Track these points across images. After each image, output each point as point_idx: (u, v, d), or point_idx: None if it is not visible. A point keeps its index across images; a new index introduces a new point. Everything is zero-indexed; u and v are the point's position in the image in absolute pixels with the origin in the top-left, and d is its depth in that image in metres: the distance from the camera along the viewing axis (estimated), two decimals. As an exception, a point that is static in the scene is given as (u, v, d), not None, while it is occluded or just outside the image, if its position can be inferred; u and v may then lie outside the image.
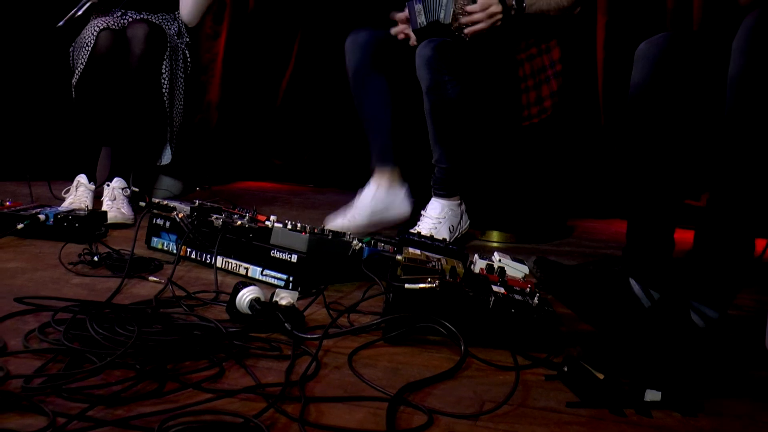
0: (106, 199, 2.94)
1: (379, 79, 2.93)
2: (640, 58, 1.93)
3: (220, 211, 2.42)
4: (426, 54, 2.71)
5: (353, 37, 2.98)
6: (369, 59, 2.92)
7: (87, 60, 3.07)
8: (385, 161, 2.95)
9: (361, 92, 2.96)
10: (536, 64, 2.96)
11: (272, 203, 3.65)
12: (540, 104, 2.98)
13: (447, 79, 2.70)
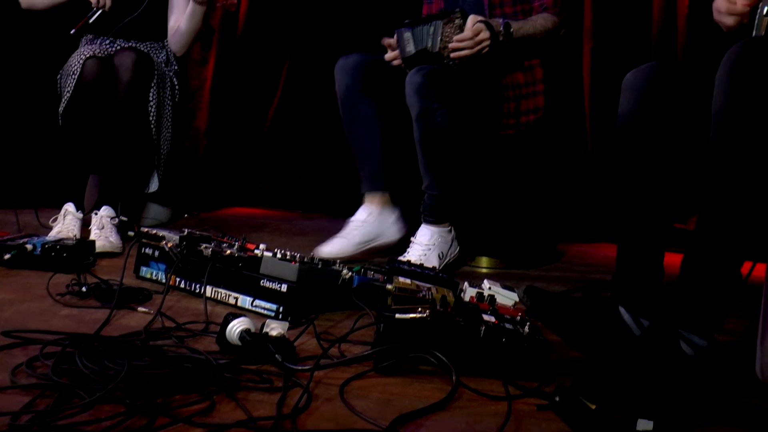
0: (94, 227, 2.93)
1: (369, 104, 2.94)
2: (628, 87, 1.94)
3: (210, 240, 2.41)
4: (416, 82, 2.72)
5: (343, 61, 2.99)
6: (359, 83, 2.93)
7: (73, 88, 3.06)
8: (375, 187, 2.96)
9: (350, 117, 2.97)
10: (519, 78, 2.97)
11: (261, 230, 3.65)
12: (517, 117, 2.99)
13: (436, 106, 2.72)
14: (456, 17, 2.80)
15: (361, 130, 2.96)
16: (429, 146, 2.76)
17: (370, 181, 2.98)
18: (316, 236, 3.25)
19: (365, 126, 2.95)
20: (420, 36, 2.84)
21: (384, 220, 2.93)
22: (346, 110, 2.98)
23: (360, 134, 2.97)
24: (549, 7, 2.95)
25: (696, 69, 1.92)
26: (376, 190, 2.96)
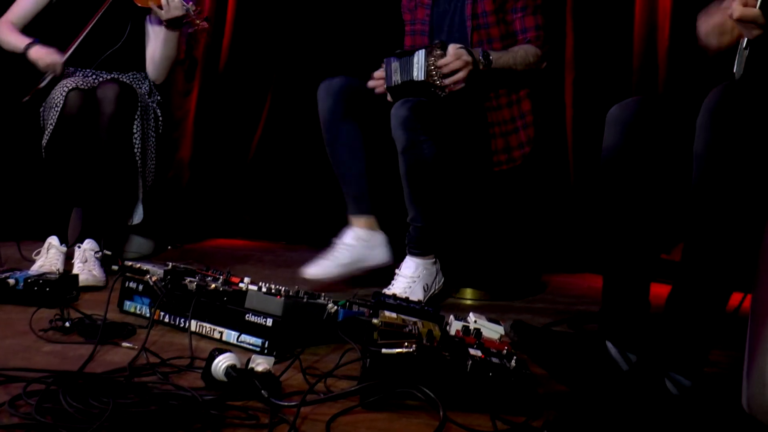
0: (77, 261, 2.91)
1: (352, 127, 2.94)
2: (612, 121, 1.96)
3: (194, 274, 2.40)
4: (402, 114, 2.73)
5: (326, 83, 2.99)
6: (342, 106, 2.93)
7: (56, 120, 3.05)
8: (360, 209, 2.96)
9: (333, 140, 2.97)
10: (505, 114, 3.00)
11: (245, 262, 3.63)
12: (508, 153, 3.01)
13: (423, 139, 2.72)
14: (436, 46, 2.82)
15: (344, 150, 2.95)
16: (415, 179, 2.77)
17: (355, 204, 2.98)
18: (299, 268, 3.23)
19: (348, 146, 2.95)
20: (406, 66, 2.86)
21: (371, 244, 2.93)
22: (329, 130, 2.97)
23: (343, 154, 2.96)
24: (532, 40, 2.99)
25: (680, 103, 1.94)
26: (362, 212, 2.96)
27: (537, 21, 3.02)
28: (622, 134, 1.91)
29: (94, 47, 3.28)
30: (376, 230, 2.96)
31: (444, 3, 3.10)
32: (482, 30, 2.97)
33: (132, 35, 3.34)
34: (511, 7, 2.99)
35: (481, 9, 2.98)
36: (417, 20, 3.18)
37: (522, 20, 3.00)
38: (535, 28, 3.01)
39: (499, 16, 2.99)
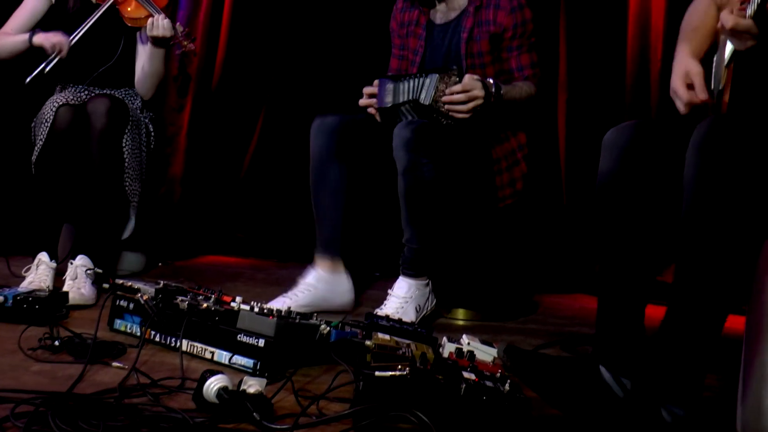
0: (67, 278, 2.89)
1: (340, 170, 2.95)
2: (609, 146, 1.95)
3: (185, 293, 2.38)
4: (405, 135, 2.73)
5: (320, 121, 2.99)
6: (333, 146, 2.93)
7: (46, 136, 3.03)
8: (329, 251, 2.97)
9: (318, 182, 2.98)
10: (507, 148, 3.01)
11: (236, 279, 3.62)
12: (513, 186, 3.03)
13: (424, 161, 2.72)
14: (453, 73, 2.82)
15: (327, 195, 2.96)
16: (413, 200, 2.76)
17: (324, 246, 2.99)
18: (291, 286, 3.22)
19: (332, 191, 2.95)
20: (401, 90, 2.86)
21: (334, 287, 2.95)
22: (316, 173, 2.98)
23: (325, 199, 2.97)
24: (529, 77, 3.01)
25: (675, 128, 1.94)
26: (329, 254, 2.97)
27: (532, 59, 3.04)
28: (618, 159, 1.91)
29: (87, 64, 3.28)
30: (341, 273, 2.97)
31: (438, 38, 3.11)
32: (478, 69, 2.98)
33: (124, 52, 3.34)
34: (507, 45, 3.00)
35: (477, 49, 3.00)
36: (408, 48, 3.20)
37: (518, 58, 3.01)
38: (531, 65, 3.03)
39: (494, 54, 3.01)
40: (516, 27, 2.99)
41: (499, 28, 2.99)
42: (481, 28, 3.00)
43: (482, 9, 3.02)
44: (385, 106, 2.92)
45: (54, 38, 3.17)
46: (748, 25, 1.71)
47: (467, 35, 3.01)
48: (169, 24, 3.23)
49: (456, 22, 3.08)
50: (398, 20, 3.25)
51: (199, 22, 4.34)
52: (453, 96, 2.79)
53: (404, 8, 3.24)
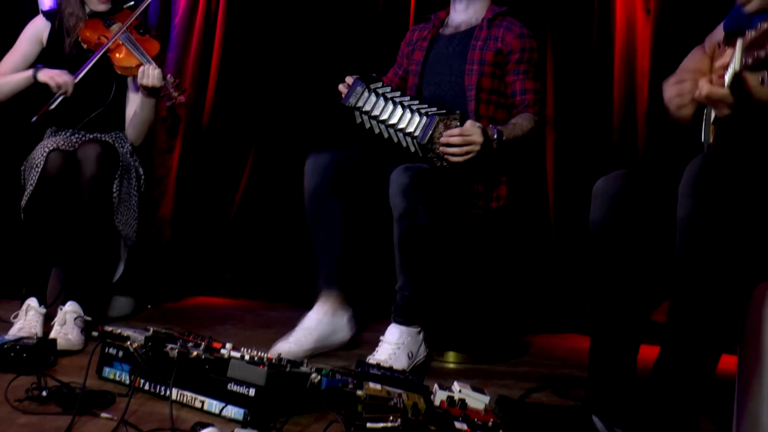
0: (56, 324, 2.87)
1: (336, 205, 2.94)
2: (599, 195, 1.97)
3: (175, 340, 2.37)
4: (402, 182, 2.73)
5: (314, 158, 2.99)
6: (329, 183, 2.93)
7: (36, 181, 3.02)
8: (331, 285, 2.96)
9: (316, 216, 2.96)
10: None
11: (225, 322, 3.60)
12: (487, 201, 3.02)
13: (420, 208, 2.72)
14: (455, 117, 2.83)
15: (326, 230, 2.96)
16: (408, 246, 2.76)
17: (326, 280, 2.98)
18: (281, 328, 3.21)
19: (330, 227, 2.95)
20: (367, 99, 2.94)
21: (336, 321, 2.94)
22: (313, 209, 2.97)
23: (323, 234, 2.96)
24: (530, 103, 3.03)
25: (664, 175, 1.95)
26: (332, 288, 2.96)
27: (536, 86, 3.08)
28: (609, 208, 1.93)
29: (79, 109, 3.29)
30: (341, 307, 2.97)
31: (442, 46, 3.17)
32: (476, 75, 3.02)
33: (116, 97, 3.36)
34: (513, 68, 3.04)
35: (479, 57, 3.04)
36: (412, 61, 3.25)
37: (523, 82, 3.04)
38: (534, 91, 3.06)
39: (494, 69, 3.04)
40: (524, 51, 3.05)
41: (506, 47, 3.04)
42: (489, 41, 3.06)
43: (494, 27, 3.08)
44: (347, 104, 2.97)
45: (59, 77, 3.18)
46: (723, 94, 1.73)
47: (482, 44, 3.06)
48: (160, 74, 3.24)
49: (465, 34, 3.13)
50: (407, 40, 3.33)
51: (189, 63, 4.36)
52: (450, 139, 2.80)
53: (415, 28, 3.33)
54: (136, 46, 3.29)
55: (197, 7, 4.38)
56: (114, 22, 3.35)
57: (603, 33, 3.78)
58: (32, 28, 3.42)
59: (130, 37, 3.31)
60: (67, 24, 3.34)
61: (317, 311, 2.94)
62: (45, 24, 3.40)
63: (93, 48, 3.27)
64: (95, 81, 3.30)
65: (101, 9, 3.37)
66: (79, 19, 3.34)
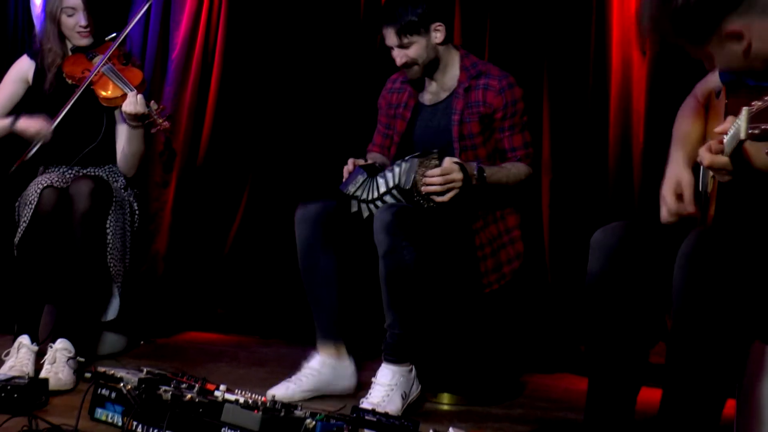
0: (46, 362, 2.85)
1: (328, 256, 2.94)
2: (597, 247, 1.97)
3: (168, 382, 2.36)
4: (385, 219, 2.73)
5: (303, 210, 2.97)
6: (320, 234, 2.93)
7: (30, 218, 3.01)
8: (330, 336, 2.96)
9: (308, 270, 2.96)
10: (492, 232, 3.01)
11: (219, 359, 3.57)
12: (498, 271, 3.02)
13: (404, 244, 2.72)
14: (434, 157, 2.83)
15: (320, 283, 2.95)
16: (394, 284, 2.75)
17: (324, 332, 2.97)
18: (274, 366, 3.21)
19: (324, 279, 2.94)
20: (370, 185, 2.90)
21: (338, 371, 2.94)
22: (305, 261, 2.96)
23: (317, 286, 2.95)
24: (522, 158, 3.03)
25: (663, 229, 1.96)
26: (330, 340, 2.96)
27: (525, 138, 3.05)
28: (607, 260, 1.94)
29: (72, 145, 3.28)
30: (344, 357, 2.96)
31: (426, 119, 3.13)
32: (470, 151, 3.00)
33: (108, 130, 3.35)
34: (499, 126, 3.01)
35: (467, 130, 3.01)
36: (395, 131, 3.21)
37: (510, 139, 3.02)
38: (524, 146, 3.04)
39: (485, 135, 3.02)
40: (506, 107, 3.00)
41: (488, 109, 3.00)
42: (471, 110, 3.01)
43: (472, 90, 3.03)
44: (345, 191, 2.95)
45: (36, 124, 3.17)
46: (724, 162, 1.75)
47: (459, 117, 3.02)
48: (143, 101, 3.21)
49: (446, 104, 3.09)
50: (387, 100, 3.27)
51: (186, 97, 4.36)
52: (431, 179, 2.80)
53: (393, 89, 3.26)
54: (119, 76, 3.28)
55: (195, 42, 4.38)
56: (96, 54, 3.35)
57: (599, 74, 3.79)
58: (17, 68, 3.42)
59: (112, 68, 3.30)
60: (46, 60, 3.34)
61: (317, 360, 2.94)
62: (30, 63, 3.40)
63: (77, 82, 3.26)
64: (86, 116, 3.30)
65: (84, 43, 3.37)
66: (57, 56, 3.33)
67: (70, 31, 3.34)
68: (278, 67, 4.31)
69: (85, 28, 3.32)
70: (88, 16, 3.31)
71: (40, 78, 3.36)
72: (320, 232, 2.93)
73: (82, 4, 3.29)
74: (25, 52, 3.48)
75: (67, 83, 3.30)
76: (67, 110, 3.19)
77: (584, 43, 3.82)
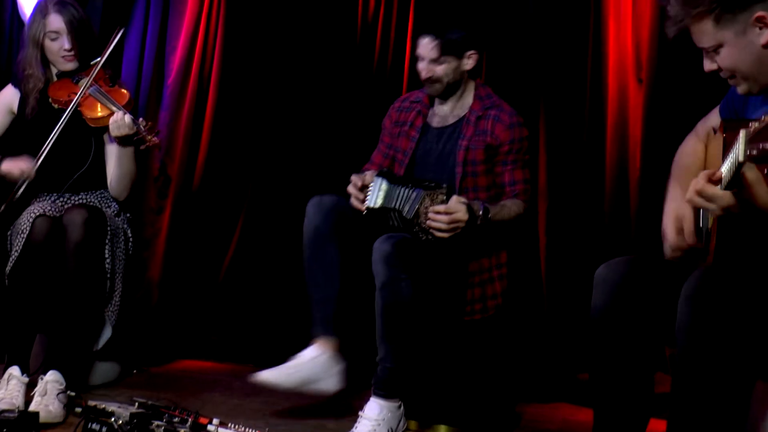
0: (36, 394, 2.81)
1: (334, 250, 2.90)
2: (600, 282, 1.97)
3: (161, 416, 2.33)
4: (385, 250, 2.71)
5: (318, 199, 2.95)
6: (331, 225, 2.89)
7: (22, 248, 2.98)
8: (327, 331, 2.92)
9: (313, 260, 2.93)
10: (482, 264, 3.00)
11: (213, 389, 3.52)
12: (483, 302, 3.00)
13: (403, 277, 2.70)
14: (441, 192, 2.84)
15: (321, 273, 2.91)
16: (390, 317, 2.73)
17: (323, 325, 2.93)
18: (268, 396, 3.18)
19: (326, 270, 2.90)
20: (393, 195, 2.86)
21: (328, 367, 2.88)
22: (311, 251, 2.93)
23: (319, 277, 2.92)
24: (520, 193, 3.03)
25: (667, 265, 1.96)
26: (329, 334, 2.91)
27: (525, 175, 3.07)
28: (611, 295, 1.94)
29: (62, 171, 3.25)
30: (336, 355, 2.92)
31: (432, 141, 3.13)
32: (470, 177, 3.01)
33: (97, 154, 3.31)
34: (502, 159, 3.03)
35: (472, 156, 3.01)
36: (398, 149, 3.20)
37: (512, 173, 3.03)
38: (524, 181, 3.06)
39: (488, 165, 3.03)
40: (513, 142, 3.02)
41: (495, 141, 3.01)
42: (478, 138, 3.03)
43: (482, 120, 3.05)
44: (374, 206, 2.91)
45: (20, 165, 3.15)
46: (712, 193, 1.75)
47: (466, 143, 3.03)
48: (131, 119, 3.18)
49: (453, 128, 3.10)
50: (393, 119, 3.26)
51: (181, 123, 4.34)
52: (436, 216, 2.79)
53: (402, 108, 3.26)
54: (106, 96, 3.26)
55: (191, 68, 4.37)
56: (82, 78, 3.32)
57: (595, 101, 3.80)
58: (1, 99, 3.38)
59: (99, 89, 3.28)
60: (26, 86, 3.31)
61: (313, 350, 2.89)
62: (14, 92, 3.37)
63: (63, 106, 3.24)
64: (74, 141, 3.26)
65: (69, 68, 3.33)
66: (38, 80, 3.30)
67: (55, 56, 3.31)
68: (273, 94, 4.31)
69: (69, 51, 3.28)
70: (72, 39, 3.28)
71: (25, 106, 3.32)
72: (332, 222, 2.89)
73: (65, 28, 3.26)
74: (10, 82, 3.44)
75: (53, 108, 3.26)
76: (55, 136, 3.16)
77: (581, 71, 3.84)
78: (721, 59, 1.91)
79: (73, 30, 3.28)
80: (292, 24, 4.29)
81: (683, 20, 1.88)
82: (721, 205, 1.74)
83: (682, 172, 2.14)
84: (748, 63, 1.88)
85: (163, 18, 4.41)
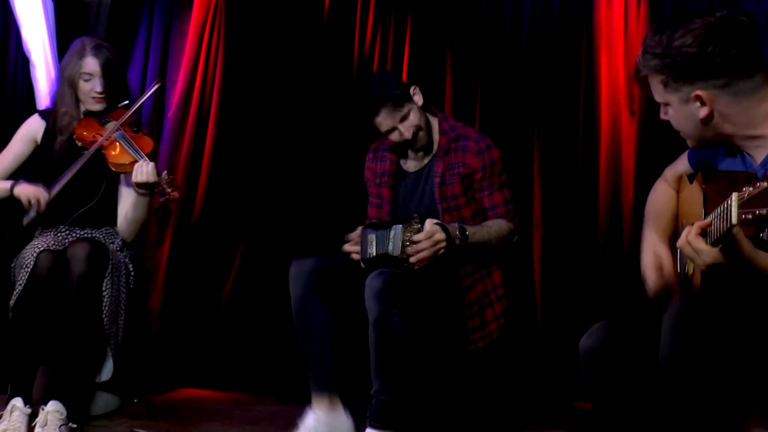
0: (37, 425, 2.85)
1: (323, 310, 2.95)
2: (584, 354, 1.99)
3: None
4: (376, 286, 2.76)
5: (297, 264, 3.01)
6: (314, 289, 2.95)
7: (26, 282, 3.04)
8: (324, 390, 2.95)
9: (304, 322, 2.97)
10: (479, 289, 3.04)
11: (212, 418, 3.55)
12: (484, 328, 3.04)
13: (395, 312, 2.75)
14: (415, 221, 2.90)
15: (314, 338, 2.96)
16: (383, 351, 2.77)
17: (319, 384, 2.97)
18: (267, 426, 3.20)
19: (317, 333, 2.95)
20: (382, 239, 2.92)
21: (333, 426, 2.91)
22: (300, 317, 2.98)
23: (311, 341, 2.96)
24: (503, 215, 3.07)
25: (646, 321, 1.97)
26: (325, 393, 2.95)
27: (505, 196, 3.12)
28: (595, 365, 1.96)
29: (68, 204, 3.31)
30: (339, 410, 2.94)
31: (410, 185, 3.20)
32: (453, 212, 3.07)
33: (106, 193, 3.38)
34: (478, 186, 3.10)
35: (450, 192, 3.08)
36: (383, 199, 3.27)
37: (490, 198, 3.10)
38: (504, 203, 3.11)
39: (468, 195, 3.09)
40: (485, 168, 3.08)
41: (468, 170, 3.08)
42: (452, 171, 3.09)
43: (451, 153, 3.11)
44: (368, 256, 2.97)
45: (33, 192, 3.20)
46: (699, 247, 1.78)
47: (440, 180, 3.10)
48: (154, 170, 3.24)
49: (428, 168, 3.17)
50: (371, 170, 3.34)
51: (181, 156, 4.40)
52: (417, 245, 2.86)
53: (375, 158, 3.33)
54: (131, 143, 3.32)
55: (191, 101, 4.43)
56: (109, 120, 3.40)
57: (588, 133, 3.84)
58: (26, 128, 3.46)
59: (124, 134, 3.34)
60: (60, 123, 3.38)
61: (311, 417, 2.92)
62: (40, 123, 3.45)
63: (87, 146, 3.30)
64: (86, 177, 3.32)
65: (97, 108, 3.41)
66: (72, 119, 3.38)
67: (85, 96, 3.39)
68: (272, 128, 4.36)
69: (100, 94, 3.37)
70: (104, 83, 3.36)
71: (49, 139, 3.40)
72: (314, 286, 2.94)
73: (99, 71, 3.34)
74: (36, 112, 3.53)
75: (76, 146, 3.34)
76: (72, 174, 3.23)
77: (573, 103, 3.89)
78: (668, 116, 1.98)
79: (106, 73, 3.36)
80: (290, 59, 4.35)
81: (641, 70, 1.95)
82: (705, 260, 1.77)
83: (655, 217, 2.20)
84: (690, 128, 1.96)
85: (163, 52, 4.49)
